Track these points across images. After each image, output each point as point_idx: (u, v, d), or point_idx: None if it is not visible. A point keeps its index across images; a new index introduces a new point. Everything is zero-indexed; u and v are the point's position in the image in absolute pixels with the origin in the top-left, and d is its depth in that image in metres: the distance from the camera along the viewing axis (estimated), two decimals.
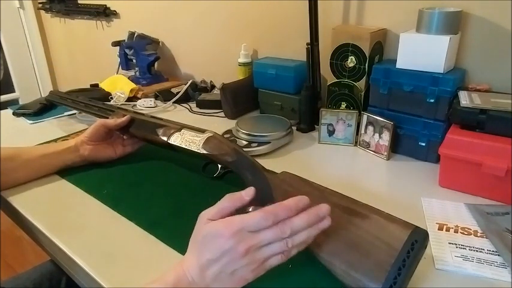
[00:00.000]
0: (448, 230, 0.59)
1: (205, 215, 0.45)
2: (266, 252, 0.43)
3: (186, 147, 0.70)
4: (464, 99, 0.72)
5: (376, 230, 0.45)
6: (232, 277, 0.43)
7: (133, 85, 1.27)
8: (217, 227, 0.43)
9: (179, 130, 0.73)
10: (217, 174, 0.71)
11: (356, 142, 0.89)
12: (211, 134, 0.70)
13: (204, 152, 0.68)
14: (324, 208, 0.45)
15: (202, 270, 0.43)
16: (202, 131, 0.71)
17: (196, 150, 0.69)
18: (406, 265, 0.42)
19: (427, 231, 0.44)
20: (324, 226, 0.45)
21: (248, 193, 0.46)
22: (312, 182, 0.56)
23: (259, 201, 0.58)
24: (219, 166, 0.71)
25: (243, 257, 0.42)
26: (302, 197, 0.44)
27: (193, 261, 0.44)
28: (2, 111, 1.15)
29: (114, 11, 1.67)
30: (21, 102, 2.06)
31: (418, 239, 0.43)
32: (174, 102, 1.20)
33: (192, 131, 0.72)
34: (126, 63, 1.44)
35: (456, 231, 0.59)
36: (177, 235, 0.59)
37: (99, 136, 0.77)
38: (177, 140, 0.72)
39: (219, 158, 0.66)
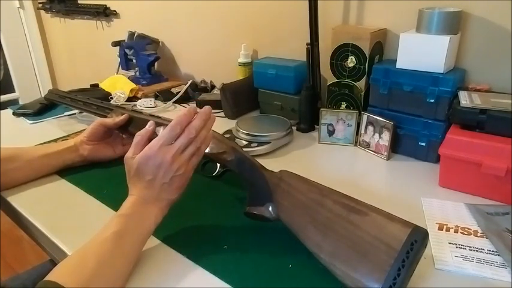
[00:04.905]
0: (448, 230, 0.60)
1: (128, 157, 0.55)
2: (186, 154, 0.54)
3: None
4: (464, 99, 0.72)
5: (375, 230, 0.45)
6: (172, 184, 0.54)
7: (133, 85, 1.27)
8: (143, 154, 0.53)
9: None
10: (216, 173, 0.71)
11: (356, 142, 0.89)
12: None
13: None
14: (206, 107, 0.57)
15: (148, 188, 0.54)
16: None
17: None
18: (405, 265, 0.42)
19: (426, 231, 0.44)
20: (212, 121, 0.58)
21: (150, 124, 0.59)
22: (311, 180, 0.55)
23: (258, 200, 0.58)
24: (218, 165, 0.71)
25: (172, 163, 0.53)
26: (190, 107, 0.57)
27: (138, 188, 0.54)
28: (2, 111, 1.15)
29: (114, 11, 1.67)
30: (21, 102, 2.06)
31: (417, 239, 0.43)
32: (174, 102, 1.20)
33: None
34: (126, 63, 1.44)
35: (456, 231, 0.59)
36: (177, 235, 0.59)
37: (98, 135, 0.77)
38: None
39: (218, 156, 0.66)
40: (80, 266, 0.46)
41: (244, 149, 0.73)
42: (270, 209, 0.56)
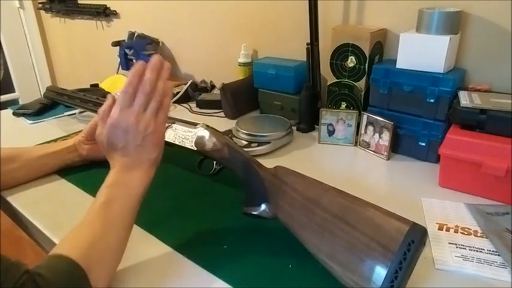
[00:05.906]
0: (448, 230, 0.60)
1: (97, 134, 0.54)
2: (149, 111, 0.53)
3: (179, 143, 0.69)
4: (464, 99, 0.72)
5: (372, 231, 0.45)
6: (146, 145, 0.53)
7: None
8: (108, 125, 0.52)
9: (171, 125, 0.72)
10: (213, 171, 0.71)
11: (356, 142, 0.89)
12: (203, 129, 0.69)
13: (197, 148, 0.67)
14: (156, 57, 0.54)
15: (124, 155, 0.53)
16: (195, 124, 0.70)
17: (189, 147, 0.68)
18: (402, 267, 0.41)
19: (424, 229, 0.43)
20: (167, 70, 0.55)
21: (108, 97, 0.55)
22: (306, 176, 0.55)
23: (254, 199, 0.58)
24: (214, 162, 0.70)
25: (137, 124, 0.52)
26: (137, 63, 0.53)
27: (116, 158, 0.53)
28: (2, 111, 1.15)
29: (114, 11, 1.67)
30: (21, 102, 2.05)
31: (414, 239, 0.42)
32: (174, 102, 1.20)
33: (184, 126, 0.70)
34: (126, 63, 1.44)
35: (456, 231, 0.59)
36: (177, 235, 0.59)
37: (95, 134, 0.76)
38: (170, 136, 0.70)
39: (212, 153, 0.65)
40: (76, 239, 0.47)
41: (244, 149, 0.73)
42: (266, 209, 0.56)
